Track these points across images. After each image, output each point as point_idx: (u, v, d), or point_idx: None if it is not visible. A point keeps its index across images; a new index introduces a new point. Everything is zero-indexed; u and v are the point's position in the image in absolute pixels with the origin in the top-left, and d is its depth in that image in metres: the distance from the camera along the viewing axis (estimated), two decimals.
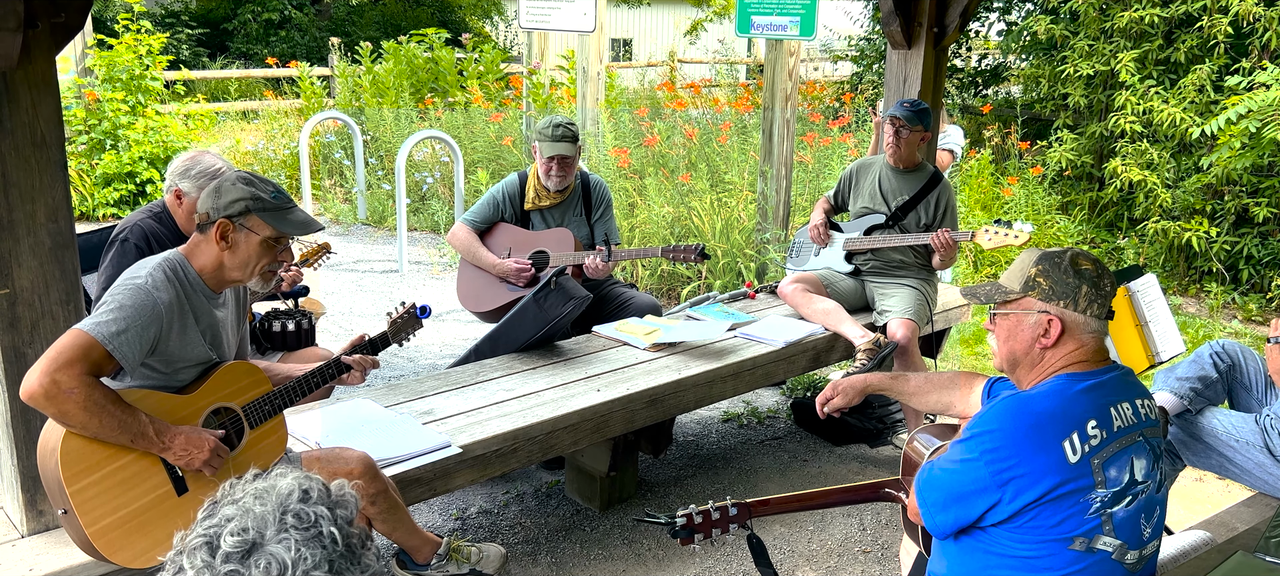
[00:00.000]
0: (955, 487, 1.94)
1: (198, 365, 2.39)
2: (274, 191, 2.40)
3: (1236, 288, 6.97)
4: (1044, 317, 1.99)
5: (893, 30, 4.52)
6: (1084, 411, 1.91)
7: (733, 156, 7.33)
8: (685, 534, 2.22)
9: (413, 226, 8.25)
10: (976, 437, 1.94)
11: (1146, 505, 1.96)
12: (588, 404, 3.29)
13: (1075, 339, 1.99)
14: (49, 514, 2.49)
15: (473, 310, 4.29)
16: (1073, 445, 1.88)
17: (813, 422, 4.54)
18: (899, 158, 4.27)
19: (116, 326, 2.18)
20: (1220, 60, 7.18)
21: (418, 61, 10.25)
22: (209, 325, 2.41)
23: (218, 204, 2.34)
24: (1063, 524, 1.88)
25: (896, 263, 4.33)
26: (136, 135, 8.16)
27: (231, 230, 2.34)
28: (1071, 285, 1.99)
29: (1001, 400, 1.98)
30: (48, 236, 2.37)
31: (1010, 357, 2.07)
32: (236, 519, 1.09)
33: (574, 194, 4.28)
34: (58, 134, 2.35)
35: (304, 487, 1.13)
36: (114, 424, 2.15)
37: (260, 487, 1.14)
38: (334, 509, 1.13)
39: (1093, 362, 2.00)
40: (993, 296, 2.10)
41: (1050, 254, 2.03)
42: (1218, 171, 6.79)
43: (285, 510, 1.10)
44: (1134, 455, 1.93)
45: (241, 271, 2.39)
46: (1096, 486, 1.89)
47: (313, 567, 1.07)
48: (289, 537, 1.08)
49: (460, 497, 3.81)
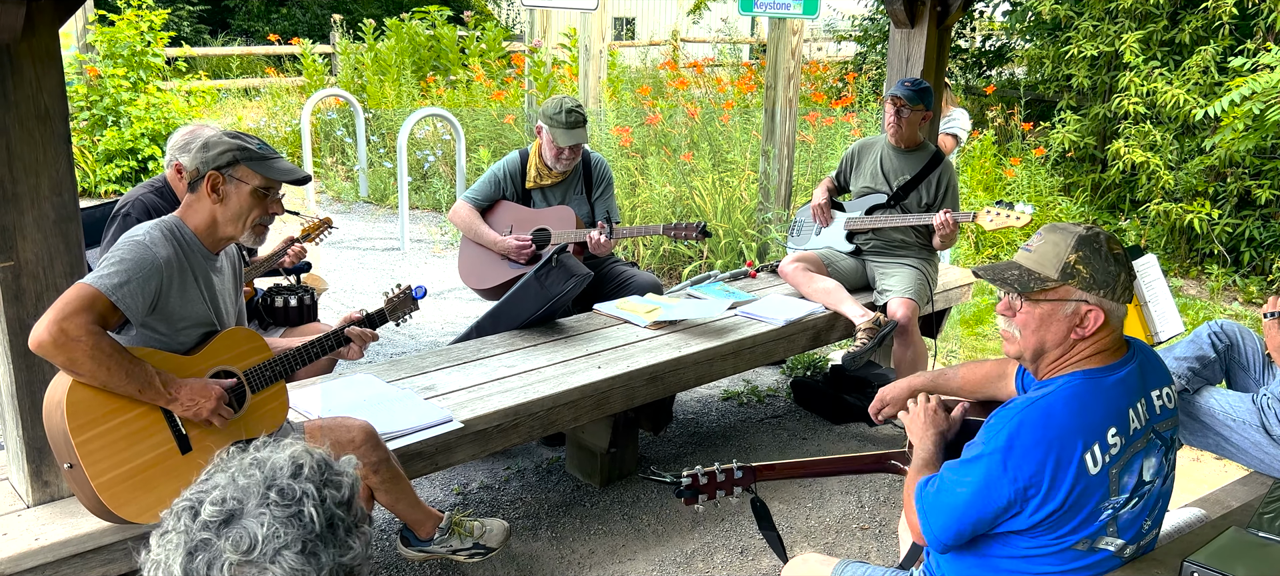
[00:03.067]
0: (974, 504, 1.84)
1: (199, 326, 2.42)
2: (258, 143, 2.46)
3: (1237, 270, 6.98)
4: (1083, 307, 1.85)
5: (895, 9, 4.51)
6: (1105, 418, 1.82)
7: (735, 136, 7.32)
8: (689, 494, 2.21)
9: (414, 204, 8.26)
10: (998, 451, 1.81)
11: (1151, 502, 1.91)
12: (588, 380, 3.31)
13: (1108, 328, 1.87)
14: (54, 485, 2.52)
15: (474, 287, 4.31)
16: (1094, 457, 1.80)
17: (812, 401, 4.56)
18: (900, 137, 4.27)
19: (119, 278, 2.23)
20: (1225, 42, 7.16)
21: (420, 39, 10.23)
22: (207, 285, 2.46)
23: (206, 157, 2.39)
24: (1073, 531, 1.84)
25: (897, 242, 4.34)
26: (138, 112, 8.16)
27: (222, 182, 2.39)
28: (1112, 273, 1.85)
29: (1021, 408, 1.84)
30: (52, 209, 2.38)
31: (1038, 347, 1.91)
32: (222, 487, 1.10)
33: (575, 172, 4.28)
34: (61, 107, 2.36)
35: (298, 463, 1.13)
36: (122, 373, 2.19)
37: (258, 458, 1.14)
38: (323, 487, 1.12)
39: (1114, 353, 1.89)
40: (1028, 284, 1.89)
41: (1087, 238, 1.88)
42: (1220, 153, 6.78)
43: (271, 485, 1.10)
44: (1145, 456, 1.87)
45: (235, 225, 2.43)
46: (1111, 494, 1.83)
47: (283, 546, 1.07)
48: (266, 513, 1.07)
49: (461, 473, 3.83)
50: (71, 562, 2.34)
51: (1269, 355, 3.16)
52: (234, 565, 1.05)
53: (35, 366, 2.44)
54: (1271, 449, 2.94)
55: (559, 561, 3.28)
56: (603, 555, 3.33)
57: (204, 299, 2.43)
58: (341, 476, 1.16)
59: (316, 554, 1.08)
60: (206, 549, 1.06)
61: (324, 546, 1.09)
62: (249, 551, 1.05)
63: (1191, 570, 1.87)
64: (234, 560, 1.05)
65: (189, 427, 2.34)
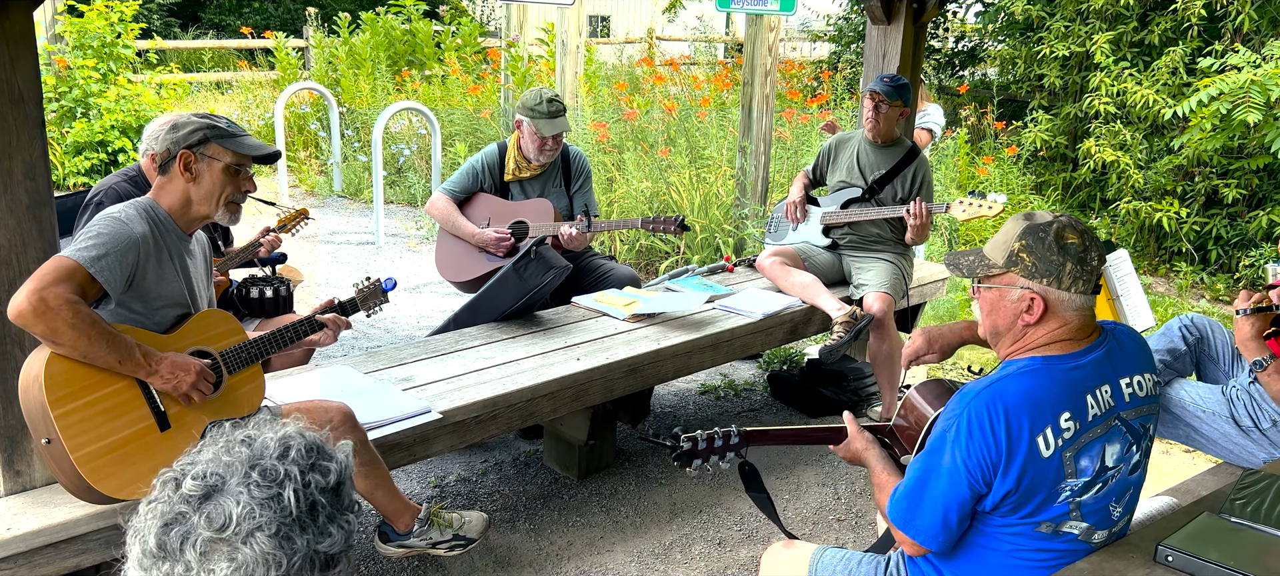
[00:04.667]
0: (948, 493, 1.88)
1: (174, 306, 2.42)
2: (227, 121, 2.48)
3: (1205, 268, 7.09)
4: (1027, 295, 1.90)
5: (872, 5, 4.54)
6: (1058, 403, 1.85)
7: (712, 132, 7.34)
8: (685, 458, 2.21)
9: (389, 199, 8.21)
10: (950, 440, 1.87)
11: (1118, 489, 1.94)
12: (567, 372, 3.30)
13: (1058, 317, 1.91)
14: (26, 474, 2.48)
15: (451, 280, 4.29)
16: (1046, 440, 1.83)
17: (788, 395, 4.58)
18: (878, 132, 4.29)
19: (97, 251, 2.23)
20: (1193, 43, 7.27)
21: (395, 33, 10.17)
22: (182, 266, 2.46)
23: (176, 137, 2.41)
24: (1034, 514, 1.88)
25: (873, 237, 4.37)
26: (108, 103, 8.05)
27: (194, 160, 2.40)
28: (1055, 262, 1.89)
29: (975, 392, 1.89)
30: (25, 194, 2.35)
31: (992, 330, 2.00)
32: (207, 462, 1.09)
33: (554, 165, 4.27)
34: (35, 91, 2.33)
35: (287, 444, 1.12)
36: (102, 344, 2.19)
37: (248, 435, 1.13)
38: (308, 471, 1.11)
39: (1076, 341, 1.92)
40: (975, 269, 2.01)
41: (1036, 227, 1.92)
42: (1188, 153, 6.89)
43: (255, 464, 1.09)
44: (1106, 442, 1.89)
45: (208, 203, 2.44)
46: (1067, 477, 1.86)
47: (257, 527, 1.05)
48: (244, 493, 1.06)
49: (438, 466, 3.82)
50: (45, 552, 2.31)
51: (1238, 349, 3.22)
52: (206, 540, 1.04)
53: (7, 354, 2.41)
54: (1240, 439, 3.00)
55: (537, 553, 3.28)
56: (581, 547, 3.33)
57: (179, 278, 2.43)
58: (330, 462, 1.15)
59: (291, 538, 1.07)
60: (182, 522, 1.05)
61: (300, 531, 1.08)
62: (222, 529, 1.04)
63: (1166, 553, 1.90)
64: (207, 536, 1.04)
65: (168, 404, 2.33)
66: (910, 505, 1.94)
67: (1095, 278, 1.95)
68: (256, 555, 1.04)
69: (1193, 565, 1.87)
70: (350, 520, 1.15)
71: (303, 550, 1.07)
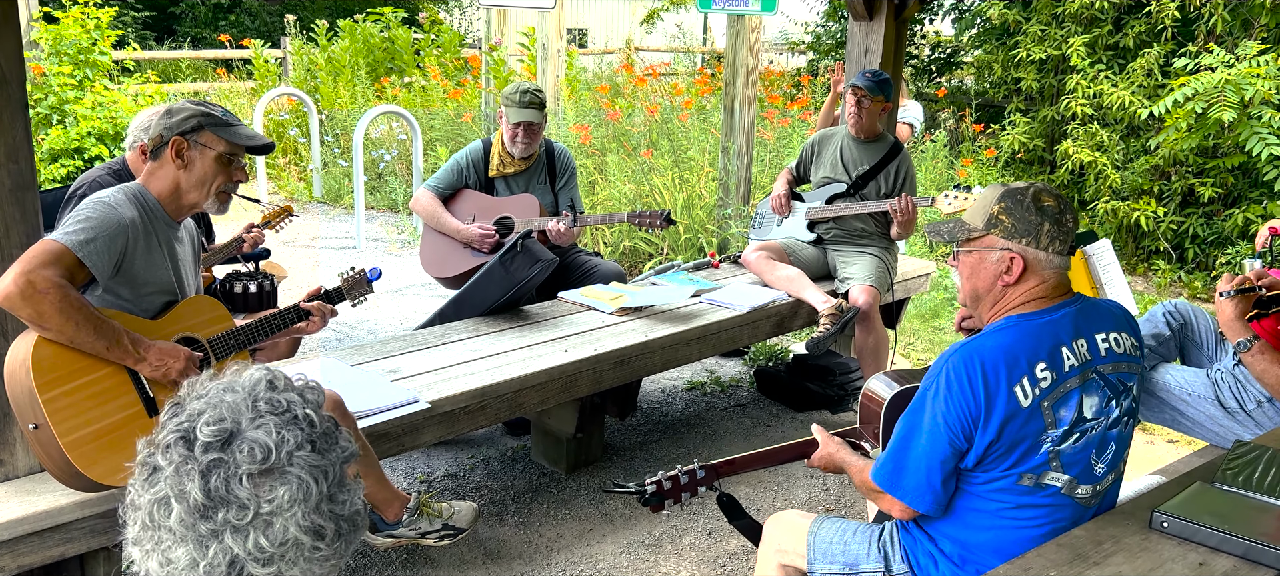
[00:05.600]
0: (933, 449, 1.92)
1: (162, 293, 2.40)
2: (222, 110, 2.46)
3: (1182, 266, 7.17)
4: (1006, 255, 1.98)
5: (854, 2, 4.57)
6: (1033, 353, 1.91)
7: (694, 135, 7.36)
8: (655, 501, 2.18)
9: (370, 205, 8.16)
10: (937, 389, 1.92)
11: (1099, 441, 1.97)
12: (556, 363, 3.29)
13: (1036, 275, 1.99)
14: (9, 463, 2.44)
15: (436, 276, 4.26)
16: (1023, 390, 1.88)
17: (775, 390, 4.59)
18: (861, 128, 4.32)
19: (85, 235, 2.21)
20: (1167, 45, 7.37)
21: (374, 41, 10.14)
22: (170, 253, 2.44)
23: (170, 123, 2.38)
24: (1016, 465, 1.92)
25: (857, 231, 4.39)
26: (84, 110, 7.96)
27: (186, 147, 2.38)
28: (1033, 222, 1.98)
29: (953, 350, 1.96)
30: (8, 176, 2.31)
31: (972, 293, 2.08)
32: (208, 411, 1.09)
33: (538, 162, 4.27)
34: (18, 71, 2.29)
35: (268, 378, 1.14)
36: (90, 328, 2.16)
37: (225, 382, 1.14)
38: (303, 393, 1.14)
39: (1051, 298, 2.00)
40: (956, 234, 2.09)
41: (1013, 190, 2.03)
42: (1165, 153, 6.97)
43: (256, 398, 1.10)
44: (1084, 393, 1.94)
45: (199, 191, 2.42)
46: (1047, 427, 1.91)
47: (295, 448, 1.08)
48: (266, 422, 1.08)
49: (425, 461, 3.79)
50: (29, 541, 2.26)
51: (1221, 333, 3.25)
52: (253, 476, 1.05)
53: None
54: (1226, 421, 3.02)
55: (527, 546, 3.26)
56: (571, 539, 3.30)
57: (167, 265, 2.40)
58: (311, 383, 1.17)
59: (326, 451, 1.10)
60: (221, 468, 1.05)
61: (328, 444, 1.11)
62: (265, 459, 1.06)
63: (1161, 520, 1.91)
64: (252, 470, 1.05)
65: (156, 390, 2.31)
66: (895, 466, 1.99)
67: (1070, 239, 2.03)
68: (305, 470, 1.07)
69: (1188, 530, 1.88)
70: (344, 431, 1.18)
71: (337, 461, 1.11)
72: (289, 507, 1.07)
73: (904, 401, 2.29)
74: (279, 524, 1.07)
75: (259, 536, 1.07)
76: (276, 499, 1.06)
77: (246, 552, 1.07)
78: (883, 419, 2.38)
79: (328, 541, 1.10)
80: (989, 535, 1.98)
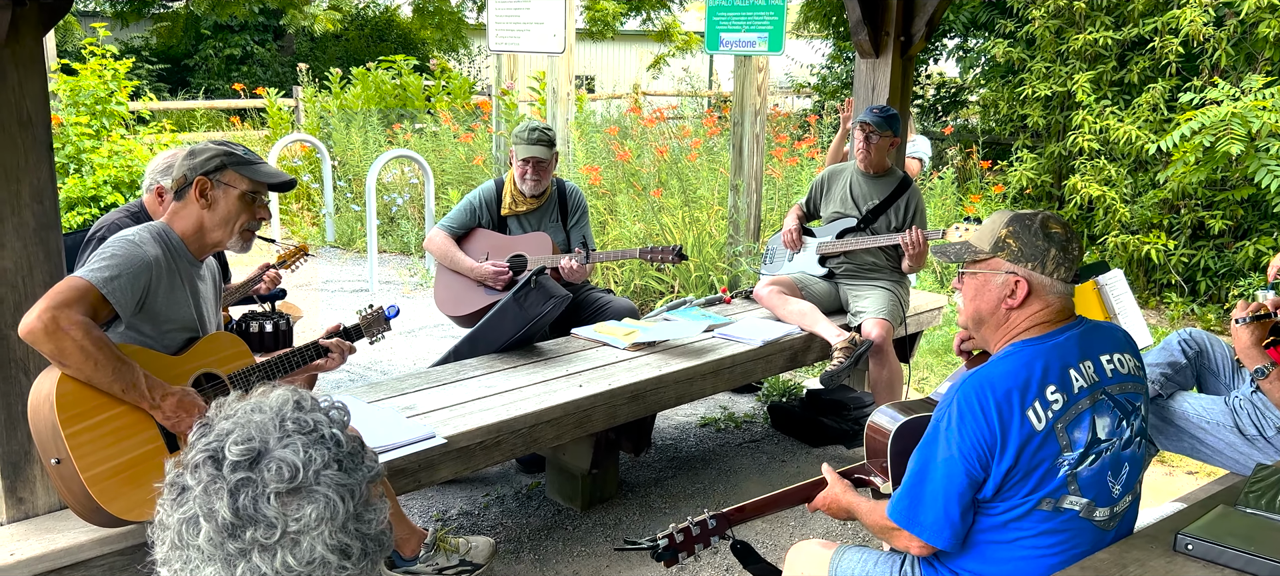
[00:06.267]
0: (949, 481, 1.91)
1: (184, 330, 2.41)
2: (243, 149, 2.48)
3: (1195, 299, 7.15)
4: (1011, 278, 2.00)
5: (861, 39, 4.62)
6: (1042, 376, 1.92)
7: (703, 174, 7.41)
8: (668, 555, 2.15)
9: (382, 248, 8.22)
10: (944, 429, 1.92)
11: (1113, 462, 1.97)
12: (570, 398, 3.29)
13: (1041, 300, 2.00)
14: (29, 501, 2.45)
15: (450, 314, 4.28)
16: (1036, 414, 1.89)
17: (789, 425, 4.57)
18: (869, 163, 4.35)
19: (110, 272, 2.23)
20: (1172, 81, 7.41)
21: (386, 88, 10.26)
22: (193, 291, 2.46)
23: (194, 163, 2.41)
24: (1035, 491, 1.91)
25: (869, 265, 4.40)
26: (101, 159, 8.06)
27: (210, 187, 2.40)
28: (1040, 247, 1.99)
29: (963, 380, 1.96)
30: (32, 216, 2.35)
31: (975, 315, 2.08)
32: (236, 430, 1.10)
33: (550, 200, 4.30)
34: (44, 114, 2.34)
35: (294, 398, 1.15)
36: (109, 369, 2.17)
37: (253, 402, 1.15)
38: (328, 413, 1.15)
39: (1054, 322, 2.00)
40: (962, 255, 2.11)
41: (1021, 216, 2.04)
42: (1173, 186, 6.98)
43: (283, 418, 1.11)
44: (1095, 414, 1.94)
45: (223, 230, 2.44)
46: (1063, 450, 1.91)
47: (323, 467, 1.08)
48: (294, 441, 1.09)
49: (440, 500, 3.78)
50: None
51: (1238, 360, 3.24)
52: (282, 494, 1.06)
53: (11, 378, 2.39)
54: (1246, 448, 3.00)
55: None
56: None
57: (189, 303, 2.42)
58: (337, 403, 1.18)
59: (352, 471, 1.11)
60: (249, 487, 1.06)
61: (352, 461, 1.12)
62: (293, 478, 1.06)
63: (1186, 542, 1.90)
64: (280, 489, 1.06)
65: (174, 430, 2.31)
66: (912, 502, 1.97)
67: (1075, 267, 2.04)
68: (333, 489, 1.08)
69: (1213, 552, 1.87)
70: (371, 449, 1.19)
71: (362, 480, 1.11)
72: (316, 526, 1.07)
73: (910, 432, 2.28)
74: (306, 542, 1.07)
75: (286, 555, 1.07)
76: (304, 518, 1.07)
77: (273, 571, 1.07)
78: (889, 451, 2.37)
79: (354, 560, 1.10)
80: (1009, 566, 1.97)
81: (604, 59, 23.16)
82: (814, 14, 12.83)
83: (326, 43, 20.53)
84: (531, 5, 7.33)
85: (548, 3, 7.22)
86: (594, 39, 20.74)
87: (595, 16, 17.34)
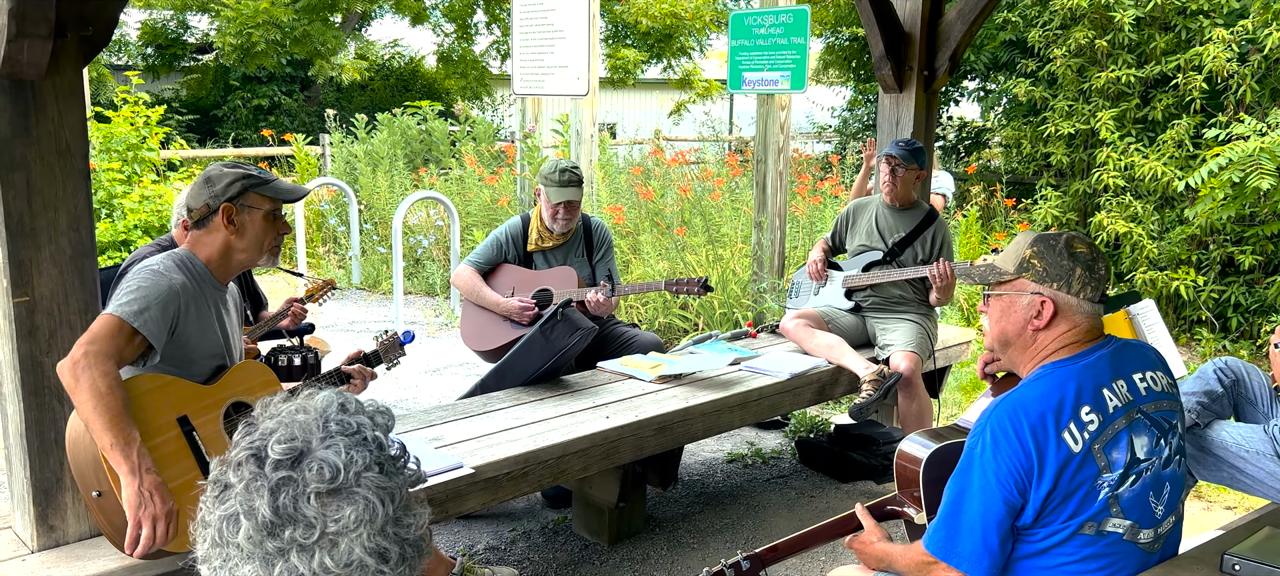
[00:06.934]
0: (986, 510, 1.87)
1: (212, 358, 2.42)
2: (257, 168, 2.48)
3: (1226, 336, 7.05)
4: (1037, 299, 1.97)
5: (884, 74, 4.64)
6: (1076, 397, 1.89)
7: (726, 213, 7.43)
8: None
9: (408, 289, 8.27)
10: (978, 456, 1.89)
11: (1154, 482, 1.93)
12: (597, 429, 3.28)
13: (1068, 320, 1.97)
14: (60, 529, 2.46)
15: (476, 349, 4.29)
16: (1072, 435, 1.86)
17: (817, 460, 4.53)
18: (895, 196, 4.34)
19: (138, 304, 2.23)
20: (1197, 118, 7.38)
21: (411, 133, 10.39)
22: (220, 317, 2.46)
23: (216, 191, 2.39)
24: (1076, 515, 1.87)
25: (896, 298, 4.37)
26: (132, 204, 8.19)
27: (236, 213, 2.40)
28: (1065, 267, 1.97)
29: (994, 406, 1.93)
30: (69, 244, 2.38)
31: (1001, 337, 2.06)
32: (280, 430, 1.10)
33: (576, 235, 4.32)
34: (82, 144, 2.38)
35: (340, 401, 1.15)
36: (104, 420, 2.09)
37: (298, 403, 1.15)
38: (373, 417, 1.15)
39: (1084, 343, 1.98)
40: (986, 276, 2.09)
41: (1045, 236, 2.03)
42: (1201, 222, 6.92)
43: (327, 419, 1.11)
44: (1132, 433, 1.91)
45: (252, 251, 2.45)
46: (1102, 472, 1.87)
47: (364, 469, 1.08)
48: (336, 442, 1.09)
49: (467, 534, 3.76)
50: None
51: (1276, 388, 3.18)
52: (321, 494, 1.06)
53: (45, 405, 2.41)
54: None
55: None
56: None
57: (216, 328, 2.43)
58: (382, 408, 1.18)
59: (393, 475, 1.11)
60: (290, 486, 1.06)
61: (394, 465, 1.12)
62: (334, 479, 1.06)
63: (1233, 562, 1.86)
64: (320, 489, 1.06)
65: (212, 453, 2.31)
66: (948, 532, 1.93)
67: (1103, 287, 2.02)
68: (372, 491, 1.07)
69: (1261, 571, 1.82)
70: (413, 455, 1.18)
71: (402, 485, 1.11)
72: (355, 528, 1.07)
73: (942, 460, 2.25)
74: (344, 544, 1.07)
75: (324, 556, 1.07)
76: (343, 519, 1.07)
77: (311, 572, 1.07)
78: (922, 481, 2.34)
79: (392, 565, 1.09)
80: None
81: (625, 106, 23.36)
82: (833, 60, 12.94)
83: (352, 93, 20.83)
84: (556, 49, 7.43)
85: (572, 46, 7.31)
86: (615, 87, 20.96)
87: (616, 65, 17.56)
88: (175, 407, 2.30)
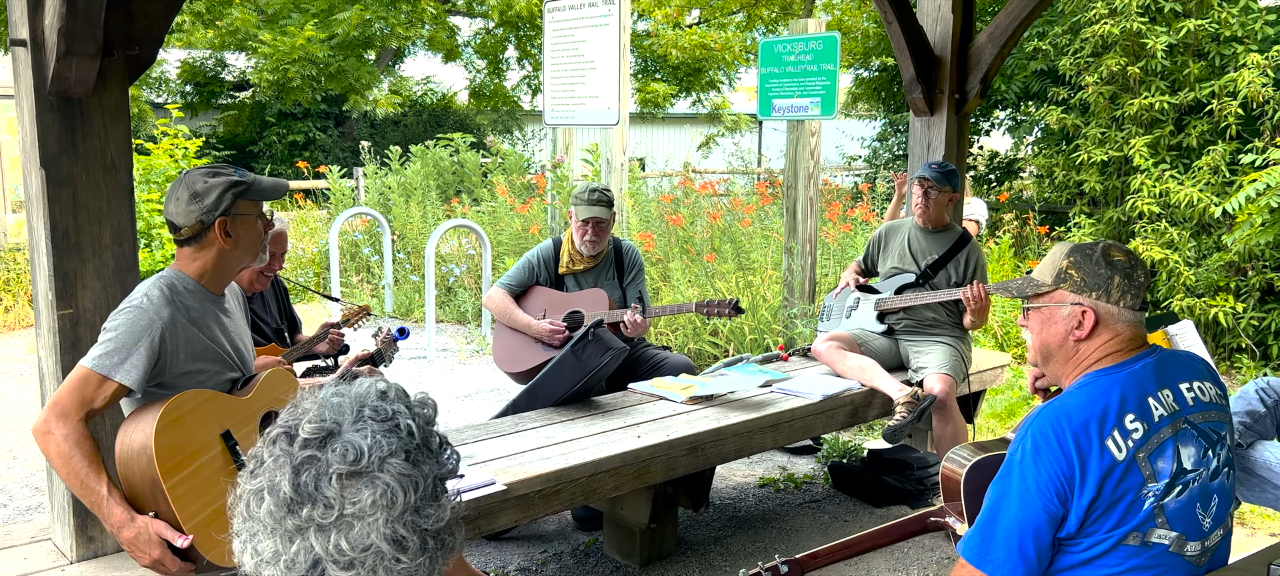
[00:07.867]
0: (1024, 518, 1.84)
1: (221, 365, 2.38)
2: (235, 169, 2.39)
3: (1268, 363, 6.92)
4: (1078, 310, 1.97)
5: (915, 97, 4.64)
6: (1121, 405, 1.86)
7: (756, 240, 7.43)
8: None
9: (440, 318, 8.32)
10: (1025, 454, 1.86)
11: (1202, 494, 1.89)
12: (629, 448, 3.27)
13: (1109, 329, 1.96)
14: (99, 540, 2.49)
15: (508, 371, 4.31)
16: (1116, 443, 1.83)
17: (851, 485, 4.48)
18: (928, 218, 4.32)
19: (102, 350, 2.19)
20: (1232, 144, 7.30)
21: (444, 164, 10.52)
22: (220, 325, 2.41)
23: (206, 205, 2.29)
24: (1120, 525, 1.84)
25: (929, 320, 4.34)
26: None
27: (231, 224, 2.33)
28: (1103, 276, 1.96)
29: (1037, 413, 1.91)
30: (112, 258, 2.43)
31: (1043, 349, 2.04)
32: (314, 410, 1.12)
33: (607, 258, 4.34)
34: (126, 160, 2.44)
35: (382, 388, 1.16)
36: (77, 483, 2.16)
37: (341, 388, 1.16)
38: (412, 407, 1.16)
39: (1127, 352, 1.96)
40: (1025, 290, 2.08)
41: (1082, 246, 2.01)
42: (1239, 248, 6.82)
43: (363, 404, 1.12)
44: (1179, 443, 1.88)
45: (251, 254, 2.41)
46: (1147, 481, 1.84)
47: (388, 455, 1.09)
48: (366, 427, 1.10)
49: (498, 556, 3.76)
50: None
51: None
52: (343, 475, 1.06)
53: None
54: None
55: None
56: None
57: (217, 337, 2.39)
58: (425, 399, 1.19)
59: (420, 464, 1.10)
60: (313, 465, 1.07)
61: (423, 456, 1.11)
62: (356, 461, 1.07)
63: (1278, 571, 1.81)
64: (342, 471, 1.07)
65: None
66: (983, 539, 1.89)
67: (1142, 294, 2.00)
68: (394, 477, 1.07)
69: None
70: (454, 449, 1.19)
71: (431, 475, 1.11)
72: (372, 512, 1.07)
73: (984, 469, 2.23)
74: (360, 527, 1.07)
75: (340, 538, 1.07)
76: (361, 502, 1.07)
77: (326, 553, 1.07)
78: (963, 491, 2.32)
79: (410, 554, 1.09)
80: None
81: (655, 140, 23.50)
82: (862, 92, 12.95)
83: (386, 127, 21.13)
84: (586, 80, 7.49)
85: (602, 76, 7.37)
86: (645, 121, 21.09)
87: (646, 99, 17.69)
88: (219, 423, 2.29)
